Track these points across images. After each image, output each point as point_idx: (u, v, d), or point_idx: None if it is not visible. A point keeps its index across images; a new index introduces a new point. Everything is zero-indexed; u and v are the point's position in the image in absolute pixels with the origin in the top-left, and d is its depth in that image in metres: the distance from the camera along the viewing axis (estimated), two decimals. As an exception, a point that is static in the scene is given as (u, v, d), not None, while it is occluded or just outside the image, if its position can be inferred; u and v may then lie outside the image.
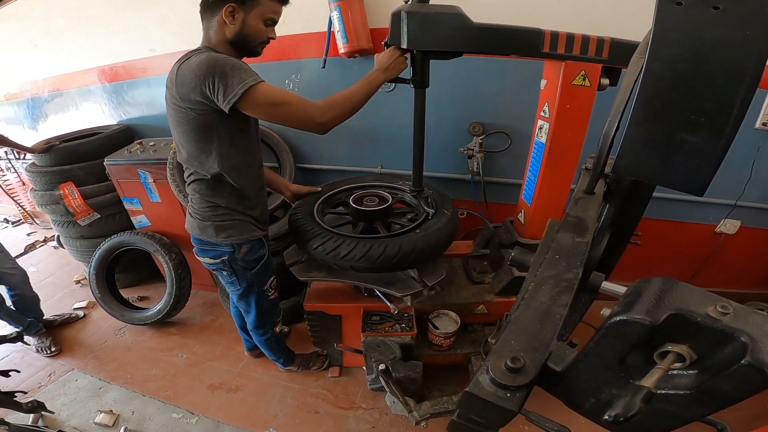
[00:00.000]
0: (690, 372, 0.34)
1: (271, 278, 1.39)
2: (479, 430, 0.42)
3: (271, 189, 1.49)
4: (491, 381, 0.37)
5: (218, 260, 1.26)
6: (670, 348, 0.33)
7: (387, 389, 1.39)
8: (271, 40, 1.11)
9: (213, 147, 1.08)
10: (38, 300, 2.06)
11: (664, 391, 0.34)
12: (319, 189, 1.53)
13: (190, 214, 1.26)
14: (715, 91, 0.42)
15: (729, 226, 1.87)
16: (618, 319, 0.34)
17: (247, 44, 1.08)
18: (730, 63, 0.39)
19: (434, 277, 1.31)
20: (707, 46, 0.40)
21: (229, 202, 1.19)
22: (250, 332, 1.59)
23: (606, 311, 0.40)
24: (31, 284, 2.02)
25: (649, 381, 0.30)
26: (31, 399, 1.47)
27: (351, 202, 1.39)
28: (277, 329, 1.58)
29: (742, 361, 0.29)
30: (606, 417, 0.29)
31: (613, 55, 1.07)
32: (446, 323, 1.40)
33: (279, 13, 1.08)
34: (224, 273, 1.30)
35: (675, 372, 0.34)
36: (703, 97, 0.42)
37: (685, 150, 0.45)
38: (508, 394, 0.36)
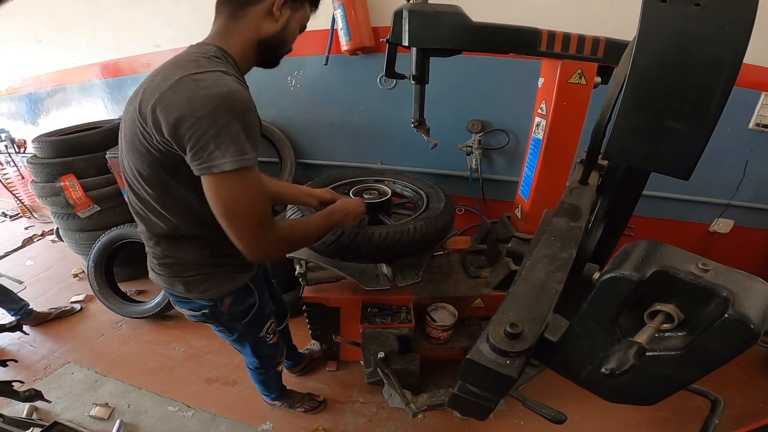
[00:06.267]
0: (679, 334, 0.36)
1: (268, 323, 1.19)
2: (479, 404, 0.43)
3: (290, 204, 1.32)
4: (491, 348, 0.38)
5: (198, 313, 1.03)
6: (658, 307, 0.35)
7: (384, 380, 1.41)
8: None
9: (174, 193, 0.82)
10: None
11: (656, 353, 0.35)
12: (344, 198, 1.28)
13: (151, 268, 0.99)
14: (697, 82, 0.44)
15: (722, 225, 1.90)
16: (608, 276, 0.36)
17: (279, 51, 0.90)
18: (711, 55, 0.42)
19: (407, 279, 1.33)
20: (690, 40, 0.42)
21: (196, 256, 0.93)
22: (248, 369, 1.45)
23: (597, 274, 0.42)
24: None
25: (640, 338, 0.32)
26: (28, 387, 1.47)
27: (351, 195, 1.43)
28: (280, 368, 1.43)
29: (725, 315, 0.31)
30: (603, 370, 0.31)
31: (607, 54, 1.10)
32: (444, 316, 1.42)
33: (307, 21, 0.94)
34: (211, 324, 1.10)
35: (665, 334, 0.36)
36: (687, 87, 0.45)
37: (671, 136, 0.48)
38: (508, 361, 0.37)
